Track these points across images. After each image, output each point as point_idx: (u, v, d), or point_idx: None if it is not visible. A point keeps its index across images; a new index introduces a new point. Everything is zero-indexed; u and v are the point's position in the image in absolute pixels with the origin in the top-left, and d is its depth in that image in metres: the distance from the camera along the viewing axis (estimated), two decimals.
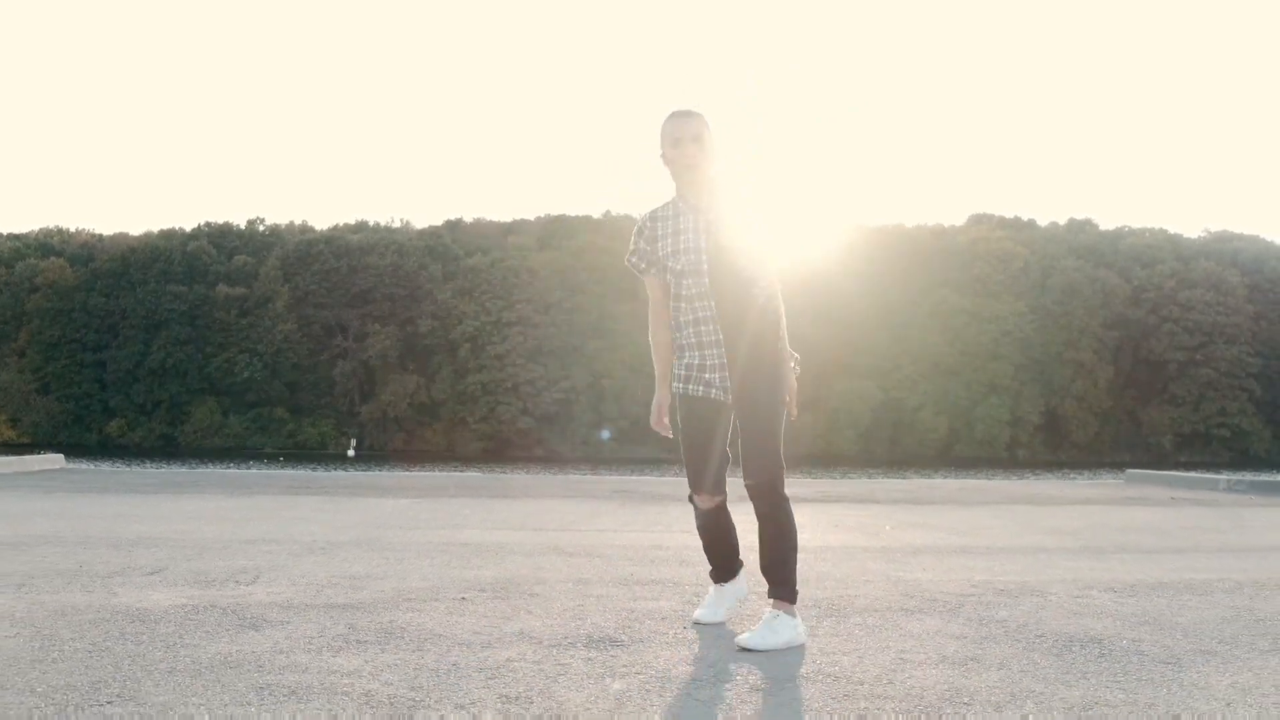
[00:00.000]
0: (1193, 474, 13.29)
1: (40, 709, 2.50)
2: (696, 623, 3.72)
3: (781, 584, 3.48)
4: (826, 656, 3.19)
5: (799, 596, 3.52)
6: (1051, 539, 6.66)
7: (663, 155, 3.55)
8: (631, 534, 6.62)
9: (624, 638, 3.45)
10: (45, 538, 5.86)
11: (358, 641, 3.31)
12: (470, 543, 5.96)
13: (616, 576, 4.79)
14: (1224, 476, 12.28)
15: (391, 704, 2.59)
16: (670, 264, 3.53)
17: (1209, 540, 6.75)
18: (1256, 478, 12.30)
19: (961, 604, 4.17)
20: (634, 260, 3.65)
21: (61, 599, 4.00)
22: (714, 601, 3.81)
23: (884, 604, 4.16)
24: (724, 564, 3.82)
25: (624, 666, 3.05)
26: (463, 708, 2.57)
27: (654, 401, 3.67)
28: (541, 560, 5.30)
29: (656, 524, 7.21)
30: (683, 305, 3.54)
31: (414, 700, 2.62)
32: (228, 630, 3.45)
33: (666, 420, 3.65)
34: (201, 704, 2.56)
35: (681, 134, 3.48)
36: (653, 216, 3.61)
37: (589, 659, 3.13)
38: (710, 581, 3.89)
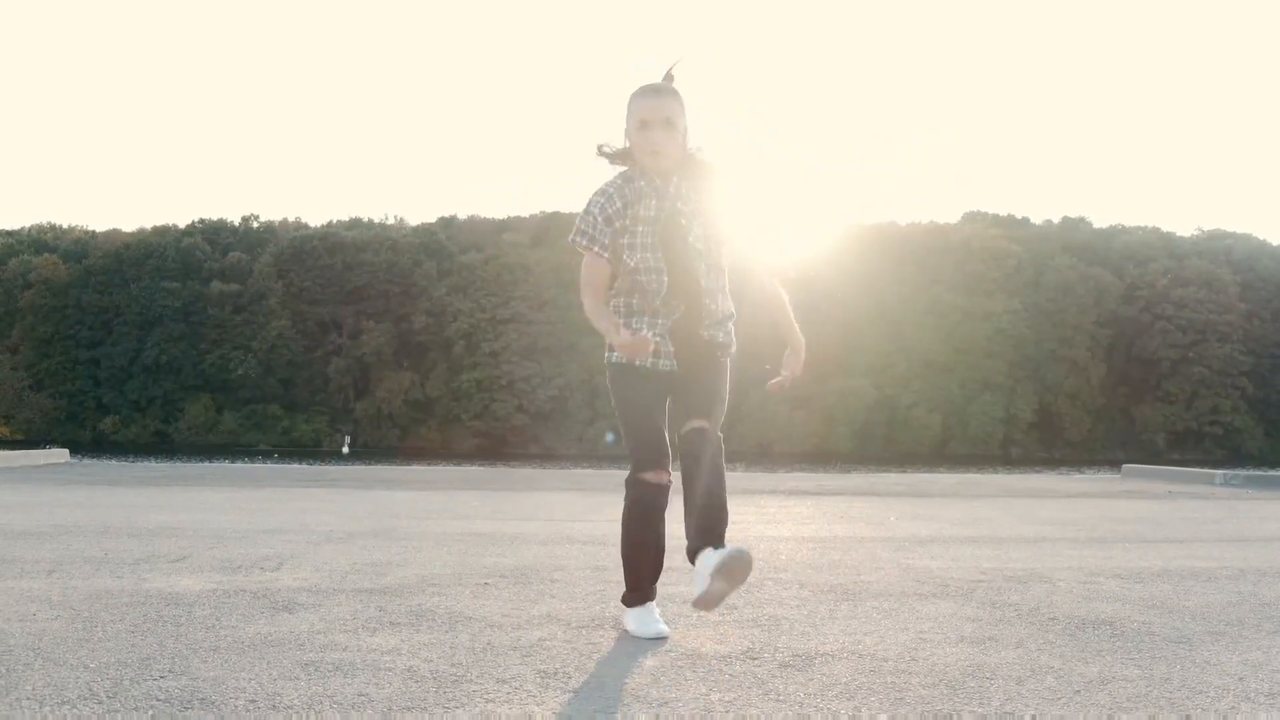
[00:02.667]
0: (1188, 469, 13.42)
1: (97, 682, 2.59)
2: (650, 636, 3.26)
3: (721, 535, 3.15)
4: (849, 636, 3.28)
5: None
6: (1054, 530, 6.77)
7: (626, 133, 3.23)
8: None
9: None
10: (66, 527, 5.94)
11: (391, 623, 3.40)
12: (484, 533, 6.05)
13: None
14: (1220, 471, 12.40)
15: (435, 678, 2.67)
16: (624, 255, 3.22)
17: (1207, 531, 6.85)
18: (1252, 473, 12.44)
19: (973, 589, 4.27)
20: (583, 241, 3.23)
21: (93, 584, 4.08)
22: (647, 612, 3.32)
23: (897, 589, 4.25)
24: (657, 573, 3.40)
25: (654, 646, 3.14)
26: (504, 682, 2.66)
27: (618, 339, 3.11)
28: (557, 549, 5.39)
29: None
30: (628, 278, 3.25)
31: (456, 675, 2.71)
32: (262, 613, 3.54)
33: (647, 334, 3.17)
34: (251, 678, 2.65)
35: (651, 117, 3.15)
36: (607, 195, 3.23)
37: (619, 638, 3.23)
38: (625, 608, 3.35)
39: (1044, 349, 72.69)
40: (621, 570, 3.41)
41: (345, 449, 63.25)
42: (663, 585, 4.17)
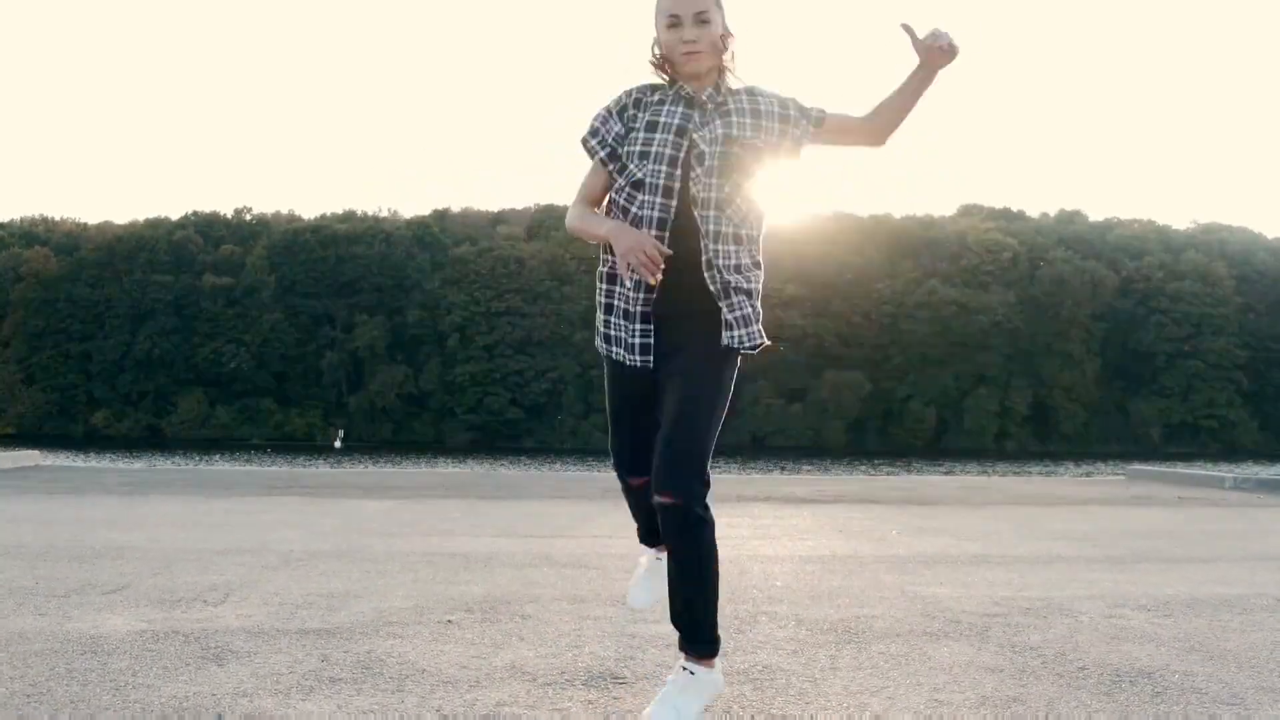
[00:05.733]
0: (1195, 470, 13.04)
1: None
2: (629, 605, 3.13)
3: (695, 640, 2.66)
4: (854, 697, 2.87)
5: (719, 647, 2.70)
6: (1067, 546, 6.36)
7: (655, 41, 2.69)
8: (625, 540, 6.27)
9: (626, 673, 3.12)
10: (6, 548, 5.51)
11: (331, 679, 2.98)
12: (457, 552, 5.63)
13: (613, 594, 4.46)
14: (1229, 474, 12.01)
15: None
16: (630, 165, 2.65)
17: (1229, 548, 6.46)
18: (1262, 476, 12.04)
19: (989, 626, 3.86)
20: (593, 142, 2.71)
21: (10, 624, 3.66)
22: (647, 575, 3.06)
23: (905, 626, 3.84)
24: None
25: (630, 711, 2.73)
26: None
27: (614, 237, 2.57)
28: (533, 573, 4.98)
29: None
30: (624, 199, 2.68)
31: None
32: (188, 664, 3.12)
33: (649, 245, 2.51)
34: None
35: (682, 10, 2.60)
36: (637, 101, 2.70)
37: (589, 702, 2.81)
38: (643, 547, 3.11)
39: (1039, 342, 72.31)
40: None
41: (338, 443, 62.75)
42: (650, 622, 3.73)
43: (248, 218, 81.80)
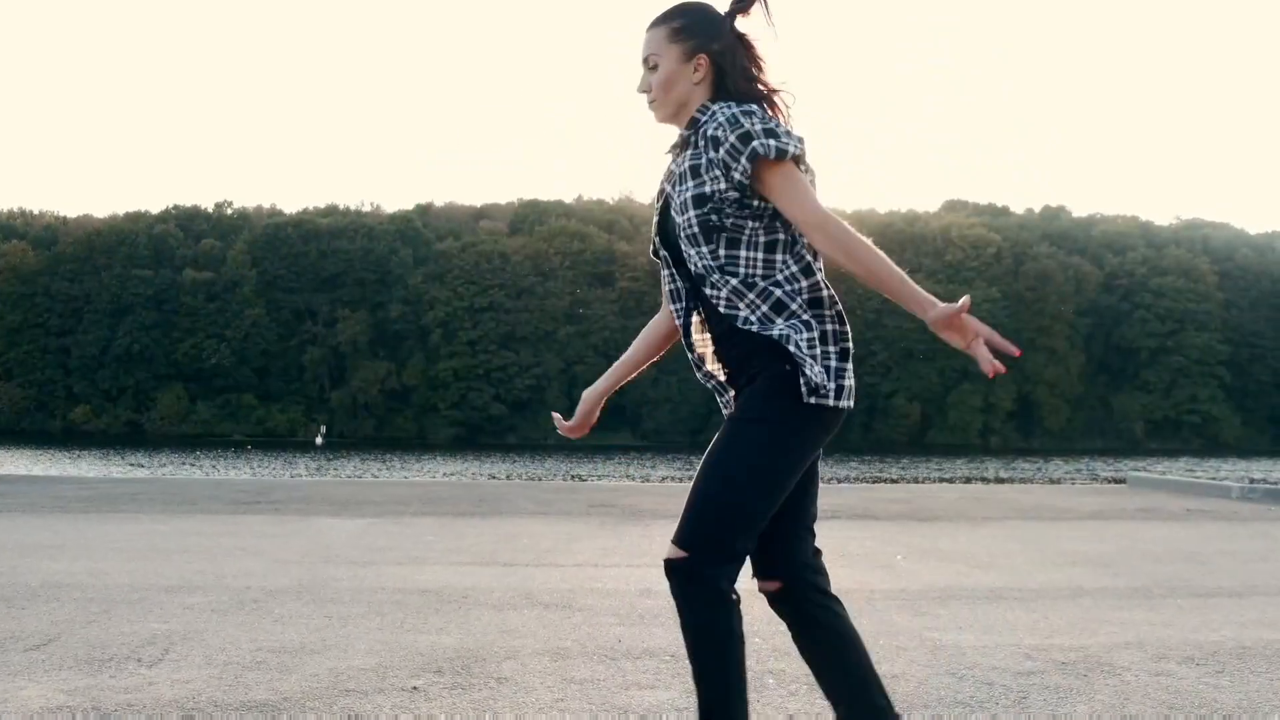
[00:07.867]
0: (1197, 477, 12.67)
1: None
2: None
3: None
4: None
5: None
6: (1086, 574, 5.94)
7: None
8: (614, 570, 5.84)
9: None
10: None
11: None
12: (430, 589, 5.16)
13: (600, 645, 4.01)
14: (1235, 484, 11.64)
15: None
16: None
17: (1260, 575, 6.04)
18: (1269, 485, 11.67)
19: (1026, 692, 3.41)
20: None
21: None
22: None
23: (933, 692, 3.39)
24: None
25: None
26: None
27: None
28: (512, 617, 4.51)
29: (642, 555, 6.42)
30: None
31: None
32: None
33: (569, 422, 2.77)
34: None
35: (642, 56, 2.37)
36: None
37: None
38: None
39: (1023, 338, 72.08)
40: None
41: (320, 440, 62.04)
42: (643, 687, 3.25)
43: (229, 212, 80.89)
